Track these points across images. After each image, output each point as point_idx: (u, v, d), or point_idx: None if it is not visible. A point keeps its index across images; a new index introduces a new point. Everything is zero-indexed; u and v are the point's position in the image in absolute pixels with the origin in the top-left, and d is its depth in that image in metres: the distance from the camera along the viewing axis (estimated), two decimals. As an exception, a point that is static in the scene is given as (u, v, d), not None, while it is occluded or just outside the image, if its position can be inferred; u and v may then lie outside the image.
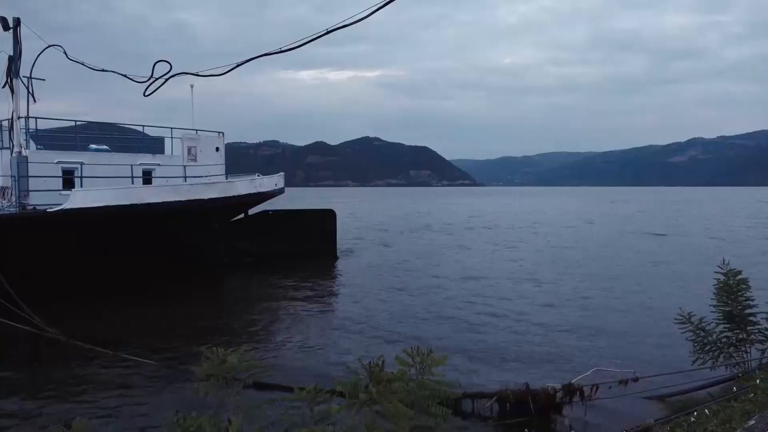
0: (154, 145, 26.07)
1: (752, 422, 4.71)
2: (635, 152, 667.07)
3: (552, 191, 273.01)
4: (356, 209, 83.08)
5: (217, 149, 27.74)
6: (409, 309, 17.48)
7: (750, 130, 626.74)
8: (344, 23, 10.92)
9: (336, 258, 28.93)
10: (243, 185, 25.30)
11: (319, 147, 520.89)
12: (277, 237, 27.39)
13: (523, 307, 17.54)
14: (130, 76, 14.33)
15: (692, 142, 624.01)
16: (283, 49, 12.37)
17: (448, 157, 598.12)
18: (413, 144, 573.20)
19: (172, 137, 26.19)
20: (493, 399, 8.95)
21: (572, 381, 9.22)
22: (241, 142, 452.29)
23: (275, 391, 7.94)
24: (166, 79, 13.06)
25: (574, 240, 39.30)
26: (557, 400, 9.02)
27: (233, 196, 23.98)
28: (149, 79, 13.13)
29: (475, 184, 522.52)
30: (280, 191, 29.76)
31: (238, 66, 12.86)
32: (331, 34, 11.38)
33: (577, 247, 34.45)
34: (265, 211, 28.92)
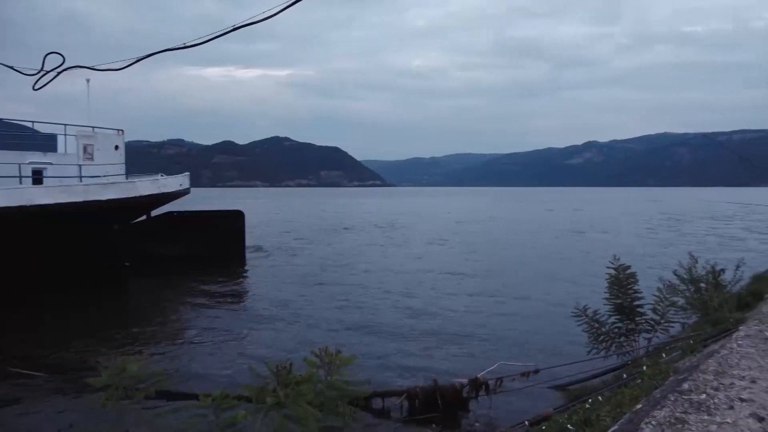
0: (46, 143, 24.39)
1: (639, 406, 5.06)
2: (537, 154, 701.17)
3: (461, 191, 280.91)
4: (266, 210, 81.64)
5: (117, 147, 26.41)
6: (320, 310, 17.39)
7: (638, 134, 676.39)
8: (252, 20, 10.71)
9: (245, 260, 28.30)
10: (145, 185, 24.25)
11: (227, 146, 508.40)
12: (182, 239, 26.43)
13: (431, 304, 17.89)
14: (17, 68, 13.33)
15: (588, 145, 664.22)
16: (187, 44, 11.94)
17: (358, 157, 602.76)
18: (324, 144, 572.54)
19: (65, 134, 24.63)
20: (403, 396, 9.09)
21: (478, 375, 9.53)
22: (143, 141, 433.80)
23: (180, 400, 7.65)
24: (59, 73, 12.26)
25: (479, 238, 40.60)
26: (464, 395, 9.30)
27: (134, 197, 22.92)
28: (39, 71, 12.27)
29: (385, 184, 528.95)
30: (186, 191, 28.75)
31: (139, 60, 12.29)
32: (238, 30, 11.12)
33: (481, 245, 35.60)
34: (170, 213, 27.82)
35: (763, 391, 2.87)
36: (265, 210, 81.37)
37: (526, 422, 7.80)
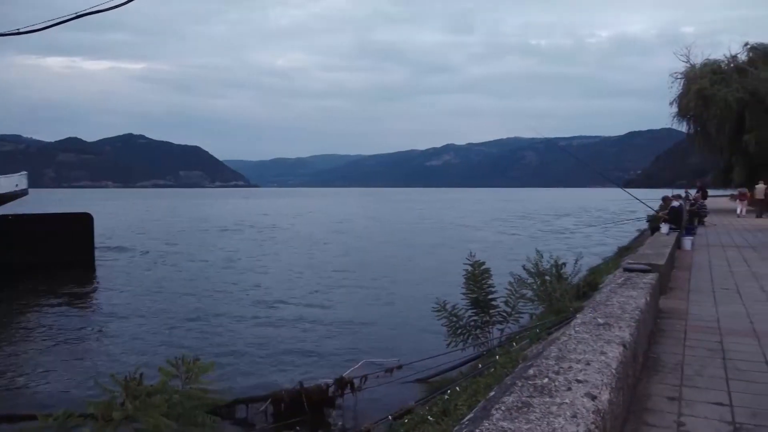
0: None
1: (492, 393, 5.38)
2: (399, 156, 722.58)
3: (327, 192, 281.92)
4: (119, 212, 76.32)
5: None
6: (176, 317, 16.54)
7: (492, 138, 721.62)
8: (98, 8, 9.97)
9: (94, 267, 26.19)
10: (-28, 186, 21.65)
11: (73, 143, 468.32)
12: (19, 245, 23.90)
13: (293, 306, 17.74)
14: None
15: (446, 148, 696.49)
16: (21, 30, 10.92)
17: (220, 157, 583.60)
18: (183, 143, 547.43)
19: None
20: (267, 401, 8.92)
21: (343, 374, 9.61)
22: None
23: (17, 422, 6.92)
24: None
25: (342, 238, 40.98)
26: (330, 395, 9.32)
27: (-41, 199, 20.38)
28: None
29: (249, 184, 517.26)
30: (23, 192, 26.18)
31: (-39, 45, 10.98)
32: (83, 18, 10.29)
33: (343, 245, 35.94)
34: (3, 216, 25.08)
35: (595, 372, 3.15)
36: (117, 212, 76.01)
37: (390, 416, 8.00)
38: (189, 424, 3.85)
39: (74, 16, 9.76)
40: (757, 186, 29.95)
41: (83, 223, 26.88)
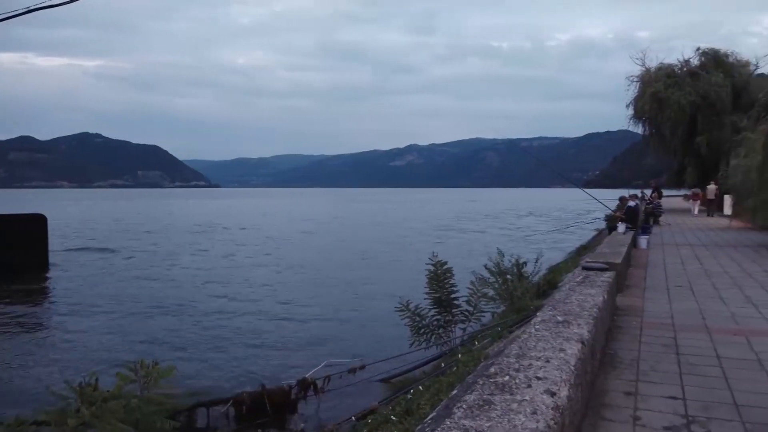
0: None
1: (454, 392, 5.42)
2: (363, 156, 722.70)
3: (289, 192, 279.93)
4: (73, 213, 74.25)
5: None
6: (134, 319, 16.15)
7: (455, 139, 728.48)
8: (52, 3, 9.69)
9: (47, 270, 25.38)
10: None
11: (26, 142, 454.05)
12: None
13: (254, 308, 17.48)
14: None
15: (409, 148, 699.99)
16: (-31, 24, 10.51)
17: (181, 156, 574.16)
18: (142, 142, 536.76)
19: None
20: (229, 404, 8.79)
21: (306, 376, 9.54)
22: None
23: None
24: None
25: (303, 238, 40.74)
26: (293, 396, 9.25)
27: None
28: None
29: (210, 185, 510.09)
30: (-28, 193, 25.09)
31: None
32: (36, 13, 9.99)
33: (303, 246, 35.73)
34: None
35: (555, 369, 3.20)
36: (74, 213, 73.93)
37: (353, 417, 7.99)
38: (148, 429, 3.77)
39: (26, 10, 9.45)
40: (708, 186, 31.01)
41: (36, 224, 26.03)
